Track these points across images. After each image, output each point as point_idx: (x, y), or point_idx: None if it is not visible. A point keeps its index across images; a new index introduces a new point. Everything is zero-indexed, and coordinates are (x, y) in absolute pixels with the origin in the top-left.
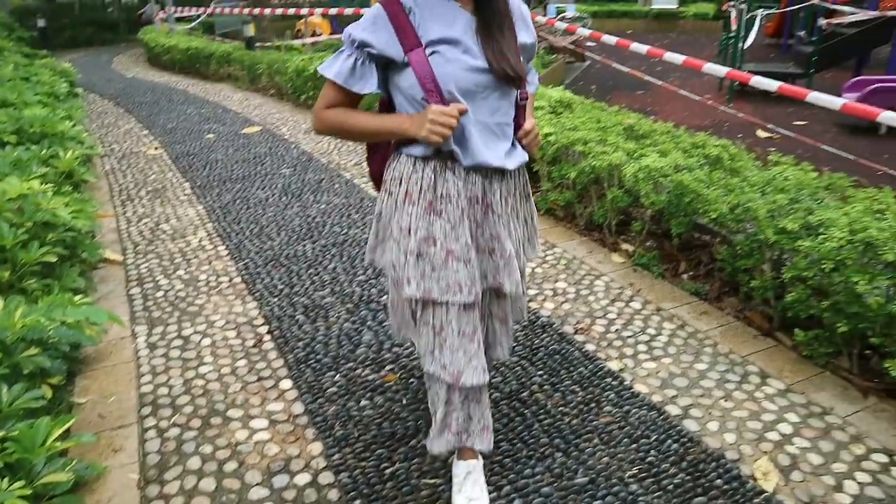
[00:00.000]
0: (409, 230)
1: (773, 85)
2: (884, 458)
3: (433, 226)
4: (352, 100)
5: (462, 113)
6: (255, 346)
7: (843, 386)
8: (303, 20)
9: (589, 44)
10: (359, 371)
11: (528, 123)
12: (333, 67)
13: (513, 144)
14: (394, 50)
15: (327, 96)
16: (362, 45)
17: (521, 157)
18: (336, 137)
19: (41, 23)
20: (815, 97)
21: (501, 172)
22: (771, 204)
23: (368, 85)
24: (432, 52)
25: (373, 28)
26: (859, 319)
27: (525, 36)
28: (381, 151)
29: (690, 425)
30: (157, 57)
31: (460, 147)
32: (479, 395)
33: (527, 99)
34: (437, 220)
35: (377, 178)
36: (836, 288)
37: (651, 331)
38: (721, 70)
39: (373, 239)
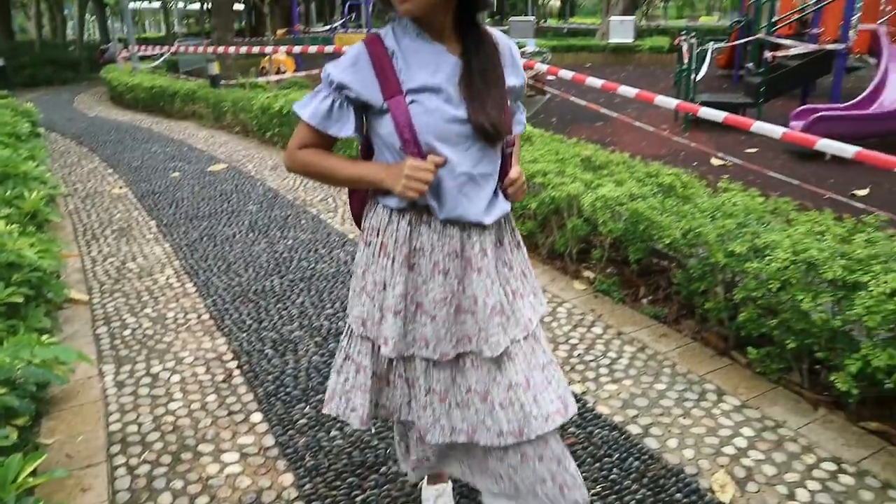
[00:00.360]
0: (385, 285)
1: (719, 115)
2: (832, 466)
3: (407, 279)
4: (327, 142)
5: (439, 166)
6: (224, 381)
7: (795, 400)
8: (267, 58)
9: (549, 78)
10: None
11: (513, 172)
12: (309, 108)
13: (495, 194)
14: (373, 94)
15: (301, 136)
16: (340, 87)
17: (501, 208)
18: (308, 179)
19: (0, 62)
20: (759, 126)
21: (481, 225)
22: (720, 228)
23: (345, 129)
24: (412, 101)
25: (353, 69)
26: (806, 335)
27: (514, 79)
28: (359, 193)
29: (651, 443)
30: (121, 95)
31: (437, 200)
32: (446, 450)
33: (513, 146)
34: (409, 273)
35: (359, 220)
36: (783, 306)
37: (612, 354)
38: (672, 102)
39: (350, 293)
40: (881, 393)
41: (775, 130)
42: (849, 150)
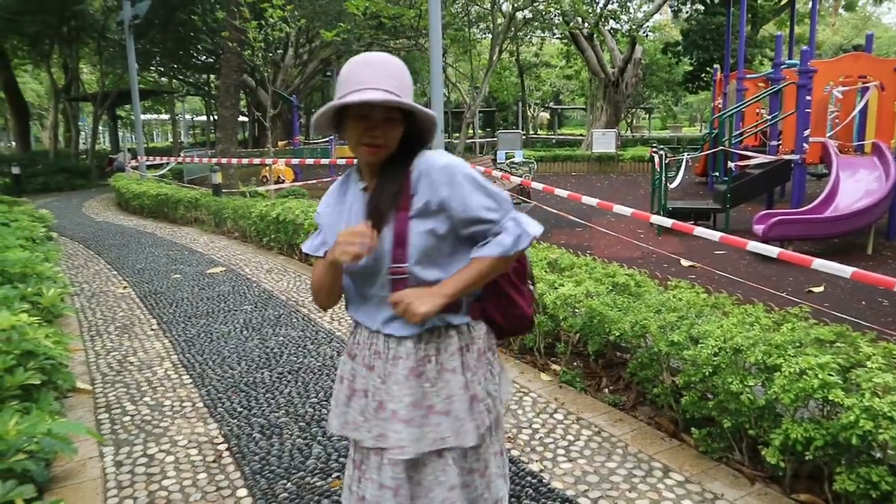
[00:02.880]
0: (341, 378)
1: (667, 222)
2: None
3: (345, 366)
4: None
5: (364, 234)
6: (214, 461)
7: (734, 475)
8: (267, 168)
9: (535, 185)
10: (308, 479)
11: (394, 295)
12: (307, 243)
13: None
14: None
15: (314, 267)
16: (318, 218)
17: (409, 328)
18: (325, 297)
19: (16, 170)
20: (700, 231)
21: (398, 339)
22: (662, 321)
23: (321, 248)
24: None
25: (324, 202)
26: (739, 415)
27: (427, 194)
28: None
29: None
30: (128, 202)
31: (357, 312)
32: None
33: (399, 275)
34: (349, 361)
35: None
36: (717, 389)
37: (570, 437)
38: (627, 210)
39: None
40: (813, 466)
41: (714, 235)
42: (773, 251)
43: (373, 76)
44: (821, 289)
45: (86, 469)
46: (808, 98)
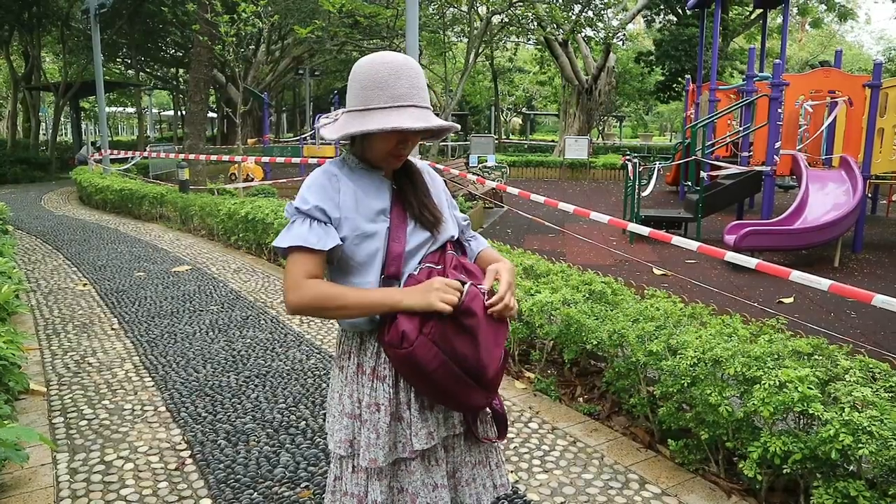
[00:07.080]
0: (360, 402)
1: (644, 230)
2: None
3: (377, 391)
4: (319, 265)
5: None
6: (176, 469)
7: (710, 488)
8: (236, 165)
9: (510, 190)
10: (276, 489)
11: (503, 294)
12: (289, 236)
13: None
14: (333, 210)
15: (299, 265)
16: (313, 208)
17: None
18: (315, 315)
19: None
20: (679, 240)
21: None
22: (640, 330)
23: (331, 240)
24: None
25: (320, 190)
26: (716, 427)
27: (439, 192)
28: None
29: None
30: (90, 196)
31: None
32: None
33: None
34: (380, 385)
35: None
36: (695, 400)
37: (545, 447)
38: (604, 217)
39: (329, 419)
40: (789, 479)
41: (692, 244)
42: (751, 262)
43: (410, 90)
44: (791, 300)
45: (37, 477)
46: (780, 111)
